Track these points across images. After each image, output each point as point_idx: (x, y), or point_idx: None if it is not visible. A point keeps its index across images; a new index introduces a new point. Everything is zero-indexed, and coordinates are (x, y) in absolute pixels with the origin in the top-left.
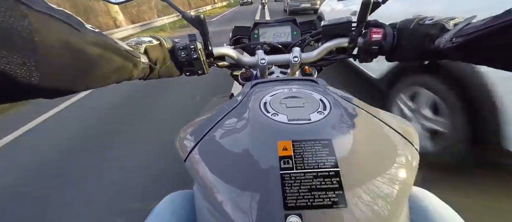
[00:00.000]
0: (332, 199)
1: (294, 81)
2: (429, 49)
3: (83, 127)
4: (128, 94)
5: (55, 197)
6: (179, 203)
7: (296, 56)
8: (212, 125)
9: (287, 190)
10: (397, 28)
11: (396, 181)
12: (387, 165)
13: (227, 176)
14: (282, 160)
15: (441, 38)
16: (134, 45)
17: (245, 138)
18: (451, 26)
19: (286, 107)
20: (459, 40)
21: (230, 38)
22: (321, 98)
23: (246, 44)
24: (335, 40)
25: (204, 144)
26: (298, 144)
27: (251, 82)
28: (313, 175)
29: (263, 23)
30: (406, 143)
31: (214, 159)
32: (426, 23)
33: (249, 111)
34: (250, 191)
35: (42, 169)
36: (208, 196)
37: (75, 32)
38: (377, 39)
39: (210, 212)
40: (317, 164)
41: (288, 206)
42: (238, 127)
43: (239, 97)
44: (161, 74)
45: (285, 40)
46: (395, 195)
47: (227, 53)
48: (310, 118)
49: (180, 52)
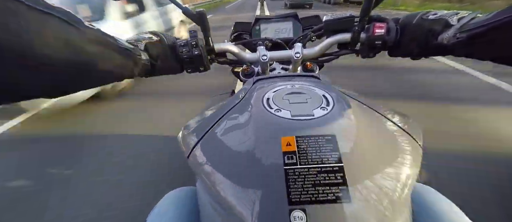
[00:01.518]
0: (336, 194)
1: (296, 77)
2: (433, 44)
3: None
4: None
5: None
6: (181, 199)
7: (298, 52)
8: (215, 121)
9: (291, 185)
10: (400, 23)
11: (399, 176)
12: (390, 161)
13: (230, 172)
14: (286, 156)
15: (444, 33)
16: (134, 42)
17: (249, 134)
18: (455, 21)
19: (289, 103)
20: (463, 36)
21: (231, 34)
22: (324, 94)
23: (248, 40)
24: (338, 36)
25: (207, 140)
26: (302, 139)
27: (253, 79)
28: (317, 171)
29: (264, 18)
30: (410, 139)
31: (217, 155)
32: (429, 18)
33: (251, 107)
34: (254, 187)
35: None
36: (211, 192)
37: (74, 30)
38: (380, 34)
39: (213, 208)
40: (321, 160)
41: (292, 201)
42: (241, 123)
43: (241, 94)
44: (162, 71)
45: (286, 36)
46: (398, 191)
47: (228, 49)
48: (314, 114)
49: (181, 48)
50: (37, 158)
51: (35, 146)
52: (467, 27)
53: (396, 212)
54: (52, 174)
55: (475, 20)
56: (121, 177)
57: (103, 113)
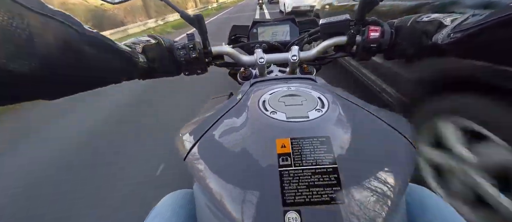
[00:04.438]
0: (330, 195)
1: (292, 80)
2: (427, 45)
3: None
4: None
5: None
6: (179, 202)
7: (294, 55)
8: (211, 124)
9: (286, 186)
10: (395, 26)
11: (393, 177)
12: (384, 162)
13: (226, 174)
14: (281, 157)
15: (438, 34)
16: (132, 45)
17: (244, 136)
18: (448, 22)
19: (285, 105)
20: (457, 36)
21: (229, 37)
22: (319, 96)
23: (245, 43)
24: (334, 39)
25: (203, 143)
26: (297, 141)
27: (250, 81)
28: (312, 172)
29: (261, 22)
30: (403, 140)
31: (214, 157)
32: (423, 20)
33: (248, 109)
34: (249, 189)
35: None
36: (208, 194)
37: (73, 33)
38: (375, 37)
39: (210, 210)
40: (315, 161)
41: (286, 202)
42: (237, 125)
43: (238, 96)
44: (160, 74)
45: (283, 39)
46: (392, 191)
47: (226, 52)
48: (308, 116)
49: (179, 51)
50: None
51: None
52: (461, 27)
53: (390, 212)
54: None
55: (469, 21)
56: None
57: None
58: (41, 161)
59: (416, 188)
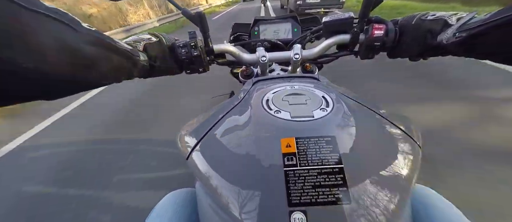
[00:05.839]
0: (336, 195)
1: (295, 79)
2: (432, 44)
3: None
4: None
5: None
6: (180, 201)
7: (297, 53)
8: (214, 123)
9: (291, 186)
10: (399, 24)
11: (399, 178)
12: (390, 162)
13: (230, 174)
14: (286, 157)
15: (443, 33)
16: (133, 43)
17: (248, 135)
18: (454, 21)
19: (289, 104)
20: (462, 35)
21: (230, 35)
22: (323, 95)
23: (247, 41)
24: (336, 37)
25: (206, 142)
26: (302, 141)
27: (252, 80)
28: (317, 172)
29: (263, 19)
30: (409, 140)
31: (217, 156)
32: (428, 18)
33: (251, 108)
34: (254, 188)
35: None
36: (211, 194)
37: (71, 32)
38: (379, 36)
39: (213, 210)
40: (321, 161)
41: (292, 202)
42: (240, 124)
43: (241, 95)
44: (161, 72)
45: (285, 37)
46: (398, 192)
47: (227, 50)
48: (313, 115)
49: (180, 49)
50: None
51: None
52: (466, 27)
53: (396, 213)
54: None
55: (474, 20)
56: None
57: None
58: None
59: (422, 189)
